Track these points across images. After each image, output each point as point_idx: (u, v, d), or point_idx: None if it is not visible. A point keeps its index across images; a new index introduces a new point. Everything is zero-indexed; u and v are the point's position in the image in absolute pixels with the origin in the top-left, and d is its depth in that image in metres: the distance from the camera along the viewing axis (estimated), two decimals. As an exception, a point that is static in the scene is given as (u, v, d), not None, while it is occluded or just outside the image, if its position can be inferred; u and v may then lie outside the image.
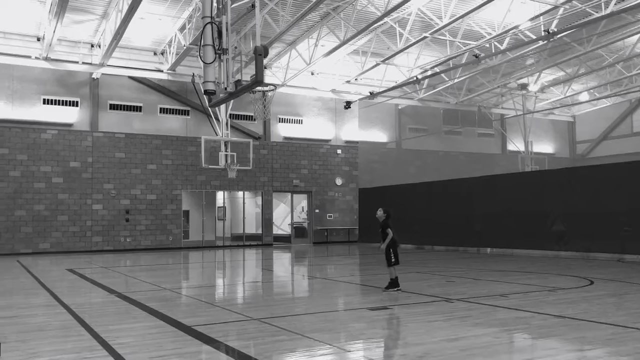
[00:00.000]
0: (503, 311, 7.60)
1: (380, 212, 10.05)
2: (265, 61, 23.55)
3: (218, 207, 26.81)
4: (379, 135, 29.86)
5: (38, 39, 21.28)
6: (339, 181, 27.72)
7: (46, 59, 21.27)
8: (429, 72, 24.63)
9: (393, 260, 9.68)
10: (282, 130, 27.06)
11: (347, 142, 28.46)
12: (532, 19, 18.97)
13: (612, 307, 7.87)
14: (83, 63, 21.97)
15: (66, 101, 22.72)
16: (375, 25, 19.73)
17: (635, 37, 22.87)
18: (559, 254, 17.54)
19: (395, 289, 9.53)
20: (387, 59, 23.00)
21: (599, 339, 5.82)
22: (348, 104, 27.01)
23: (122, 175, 23.24)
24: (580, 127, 35.61)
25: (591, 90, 30.69)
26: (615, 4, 17.79)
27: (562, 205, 17.51)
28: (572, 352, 5.42)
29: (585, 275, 11.76)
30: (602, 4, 17.91)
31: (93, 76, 22.84)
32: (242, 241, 26.24)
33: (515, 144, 31.71)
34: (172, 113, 24.79)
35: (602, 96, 30.62)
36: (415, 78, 24.39)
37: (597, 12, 18.26)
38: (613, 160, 25.52)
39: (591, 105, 33.40)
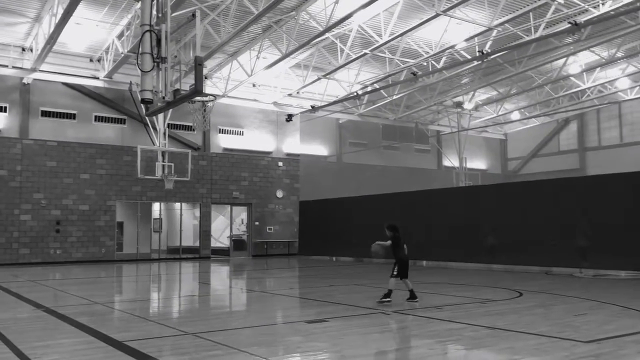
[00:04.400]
0: (437, 323, 7.77)
1: (388, 232, 10.28)
2: (205, 71, 23.34)
3: (154, 218, 26.17)
4: (320, 149, 30.07)
5: (-36, 41, 20.29)
6: (279, 194, 27.68)
7: (-27, 61, 20.29)
8: (369, 88, 25.09)
9: (395, 273, 9.79)
10: (223, 142, 26.81)
11: (288, 154, 28.49)
12: (467, 40, 19.70)
13: (539, 318, 8.19)
14: (13, 67, 21.09)
15: (-6, 106, 21.69)
16: (317, 40, 19.95)
17: (562, 60, 24.14)
18: (490, 266, 18.12)
19: (388, 300, 9.52)
20: (329, 73, 23.27)
21: (526, 349, 6.04)
22: (289, 117, 27.09)
23: (53, 184, 22.32)
24: (511, 144, 37.13)
25: (522, 110, 32.11)
26: (543, 28, 18.75)
27: (494, 219, 18.13)
28: (501, 362, 5.61)
29: (515, 287, 12.19)
30: (532, 28, 18.83)
31: (24, 81, 21.93)
32: (178, 254, 25.68)
33: (450, 160, 32.67)
34: (108, 121, 24.10)
35: (531, 115, 32.06)
36: (355, 93, 24.78)
37: (527, 36, 19.17)
38: (542, 176, 26.73)
39: (522, 124, 34.93)
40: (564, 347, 6.03)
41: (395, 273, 9.75)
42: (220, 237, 27.82)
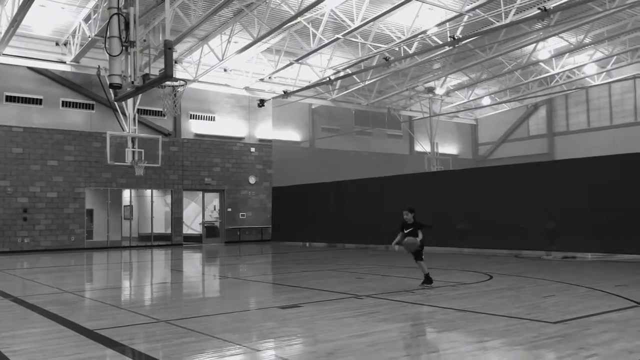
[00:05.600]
0: (409, 306, 7.86)
1: (408, 215, 9.74)
2: (175, 55, 22.95)
3: (124, 205, 25.82)
4: (292, 135, 29.97)
5: None
6: (252, 180, 27.54)
7: None
8: (341, 73, 25.03)
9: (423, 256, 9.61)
10: (194, 127, 26.50)
11: (260, 140, 28.32)
12: (438, 25, 19.76)
13: (509, 300, 8.35)
14: (-25, 51, 20.44)
15: (-45, 91, 21.02)
16: (289, 24, 19.77)
17: (532, 46, 24.43)
18: (461, 250, 18.39)
19: (429, 285, 9.52)
20: (301, 58, 23.13)
21: (496, 331, 6.16)
22: (262, 102, 26.91)
23: (20, 171, 21.81)
24: (482, 129, 37.57)
25: (492, 95, 32.46)
26: (514, 14, 18.91)
27: (465, 203, 18.36)
28: (471, 344, 5.70)
29: (485, 270, 12.41)
30: (503, 13, 18.98)
31: (-13, 65, 21.30)
32: (150, 241, 25.43)
33: (422, 145, 32.91)
34: (76, 107, 23.57)
35: (502, 101, 32.46)
36: (328, 78, 24.71)
37: (498, 21, 19.32)
38: (512, 161, 27.14)
39: (492, 110, 35.34)
40: (532, 328, 6.17)
41: (423, 256, 9.66)
42: (193, 223, 27.61)
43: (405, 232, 9.77)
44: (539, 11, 17.25)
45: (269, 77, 26.09)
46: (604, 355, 4.99)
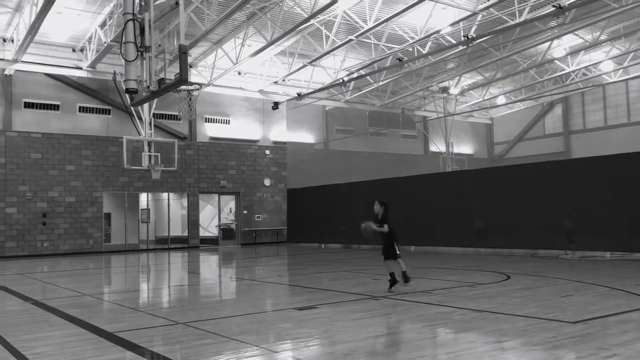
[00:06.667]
0: (426, 307, 7.84)
1: (377, 206, 9.56)
2: (190, 60, 23.12)
3: (141, 209, 26.03)
4: (306, 136, 30.02)
5: (-57, 32, 19.91)
6: (267, 182, 27.62)
7: (-48, 53, 19.93)
8: (355, 75, 25.01)
9: (398, 252, 9.30)
10: (209, 130, 26.65)
11: (275, 142, 28.40)
12: (452, 25, 19.66)
13: (526, 300, 8.29)
14: (-6, 58, 20.76)
15: (-25, 98, 21.35)
16: (302, 26, 19.81)
17: (546, 44, 24.21)
18: (479, 250, 18.27)
19: (409, 282, 9.12)
20: (314, 60, 23.16)
21: (514, 331, 6.12)
22: (276, 105, 26.98)
23: (39, 176, 22.09)
24: (497, 129, 37.30)
25: (507, 94, 32.23)
26: (528, 12, 18.77)
27: (481, 203, 18.25)
28: (489, 344, 5.68)
29: (502, 270, 12.33)
30: (517, 12, 18.84)
31: (5, 72, 21.60)
32: (167, 244, 25.61)
33: (437, 145, 32.76)
34: (92, 112, 23.84)
35: (517, 100, 32.20)
36: (341, 80, 24.71)
37: (512, 20, 19.18)
38: (527, 160, 26.92)
39: (507, 108, 35.08)
40: (550, 328, 6.12)
41: (398, 252, 9.32)
42: (209, 226, 27.77)
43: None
44: (553, 8, 17.09)
45: (283, 80, 26.15)
46: (625, 356, 4.94)
